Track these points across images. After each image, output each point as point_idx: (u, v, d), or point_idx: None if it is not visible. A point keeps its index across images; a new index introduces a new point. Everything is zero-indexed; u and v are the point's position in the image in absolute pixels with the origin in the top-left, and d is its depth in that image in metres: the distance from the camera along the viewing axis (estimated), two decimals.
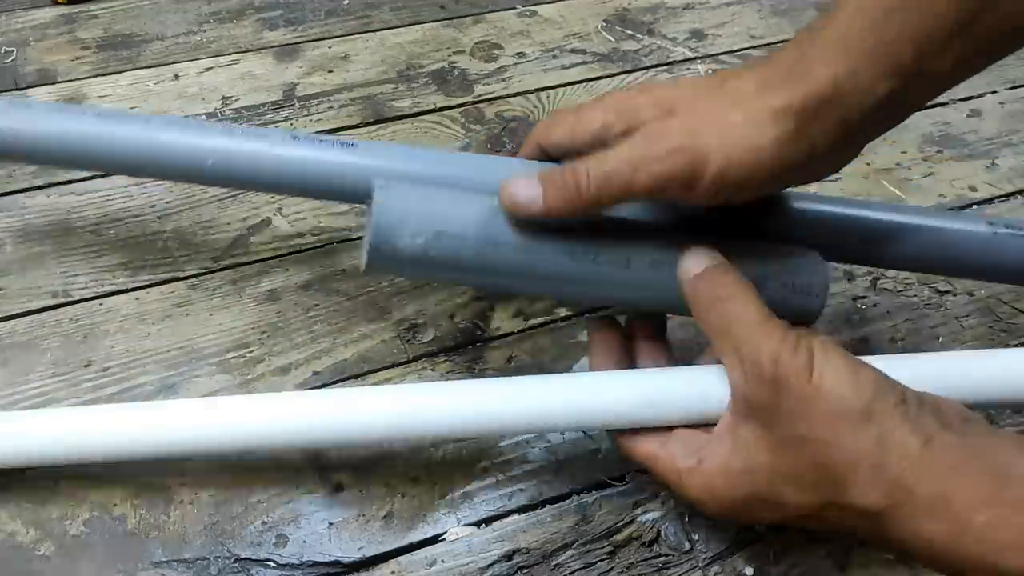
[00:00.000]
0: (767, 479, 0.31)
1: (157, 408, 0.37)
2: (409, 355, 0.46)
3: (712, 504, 0.33)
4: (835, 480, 0.29)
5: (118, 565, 0.38)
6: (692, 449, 0.34)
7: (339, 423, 0.35)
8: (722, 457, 0.32)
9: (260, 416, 0.36)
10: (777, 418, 0.31)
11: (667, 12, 0.72)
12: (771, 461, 0.31)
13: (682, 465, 0.33)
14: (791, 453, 0.30)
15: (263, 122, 0.60)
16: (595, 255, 0.36)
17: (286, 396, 0.37)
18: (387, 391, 0.37)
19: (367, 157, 0.40)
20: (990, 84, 0.66)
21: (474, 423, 0.36)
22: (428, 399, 0.36)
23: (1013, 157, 0.60)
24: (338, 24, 0.69)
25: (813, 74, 0.32)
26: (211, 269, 0.50)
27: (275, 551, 0.38)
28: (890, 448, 0.28)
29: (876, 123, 0.34)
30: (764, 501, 0.31)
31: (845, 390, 0.29)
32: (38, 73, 0.63)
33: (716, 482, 0.32)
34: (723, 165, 0.33)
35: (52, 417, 0.37)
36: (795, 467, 0.30)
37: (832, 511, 0.30)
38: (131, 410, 0.37)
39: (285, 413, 0.36)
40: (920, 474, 0.28)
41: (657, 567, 0.39)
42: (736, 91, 0.34)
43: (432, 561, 0.39)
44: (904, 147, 0.60)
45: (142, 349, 0.46)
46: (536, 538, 0.40)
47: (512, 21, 0.71)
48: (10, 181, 0.54)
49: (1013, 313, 0.50)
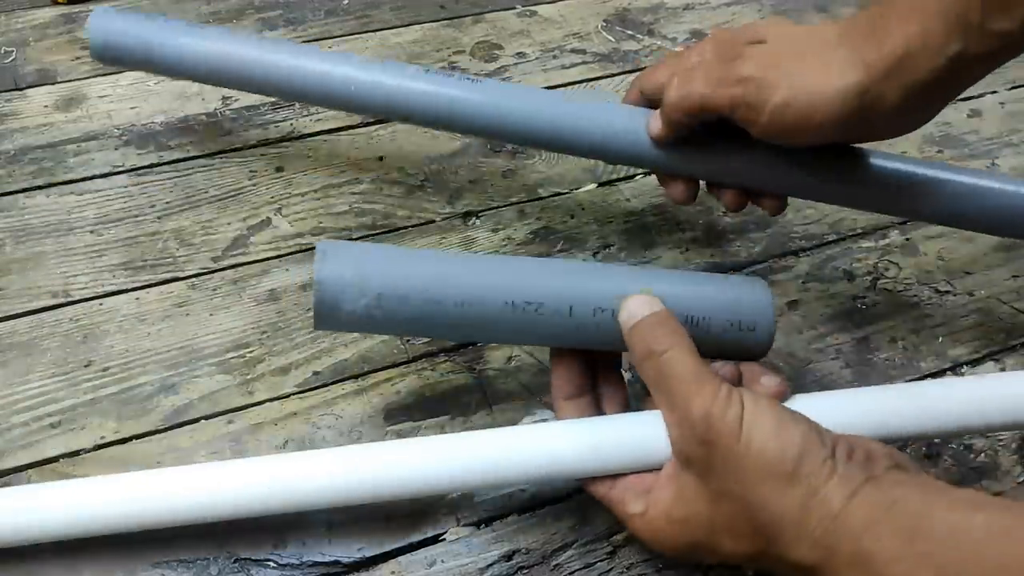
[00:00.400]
0: (705, 528, 0.32)
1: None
2: (409, 355, 0.46)
3: (659, 547, 0.34)
4: (766, 535, 0.30)
5: (118, 565, 0.38)
6: (640, 492, 0.35)
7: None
8: (665, 504, 0.33)
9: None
10: (712, 473, 0.32)
11: (667, 12, 0.72)
12: (708, 512, 0.32)
13: (631, 510, 0.34)
14: (725, 506, 0.31)
15: (263, 122, 0.60)
16: (537, 307, 0.36)
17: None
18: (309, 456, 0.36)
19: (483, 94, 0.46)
20: (990, 84, 0.66)
21: (419, 481, 0.35)
22: (356, 458, 0.35)
23: (1013, 157, 0.60)
24: (338, 24, 0.69)
25: (889, 34, 0.35)
26: (211, 269, 0.50)
27: (275, 551, 0.38)
28: (812, 509, 0.29)
29: (943, 86, 0.36)
30: (705, 548, 0.32)
31: (772, 451, 0.30)
32: (38, 73, 0.63)
33: (660, 528, 0.33)
34: (784, 101, 0.37)
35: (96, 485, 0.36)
36: (729, 519, 0.31)
37: (768, 560, 0.31)
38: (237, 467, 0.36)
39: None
40: (840, 533, 0.28)
41: (657, 567, 0.39)
42: (819, 38, 0.37)
43: (432, 561, 0.39)
44: (904, 147, 0.60)
45: (142, 349, 0.46)
46: (536, 538, 0.40)
47: (512, 21, 0.71)
48: (10, 181, 0.54)
49: (1013, 313, 0.50)
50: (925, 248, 0.54)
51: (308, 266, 0.50)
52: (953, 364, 0.48)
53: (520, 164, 0.58)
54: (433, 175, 0.57)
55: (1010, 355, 0.48)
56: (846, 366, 0.47)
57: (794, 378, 0.46)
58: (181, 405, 0.44)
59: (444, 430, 0.43)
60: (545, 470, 0.35)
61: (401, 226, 0.53)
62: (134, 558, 0.38)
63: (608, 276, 0.38)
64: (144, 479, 0.36)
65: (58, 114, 0.60)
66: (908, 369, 0.47)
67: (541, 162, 0.58)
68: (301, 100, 0.51)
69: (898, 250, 0.53)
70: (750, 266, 0.52)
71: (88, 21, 0.49)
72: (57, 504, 0.35)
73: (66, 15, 0.68)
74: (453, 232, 0.53)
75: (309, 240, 0.52)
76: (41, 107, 0.60)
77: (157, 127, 0.59)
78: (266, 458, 0.36)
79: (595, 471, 0.35)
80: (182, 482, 0.35)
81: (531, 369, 0.46)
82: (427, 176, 0.57)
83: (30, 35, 0.66)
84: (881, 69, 0.35)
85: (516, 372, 0.46)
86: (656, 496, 0.34)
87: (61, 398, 0.44)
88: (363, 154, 0.58)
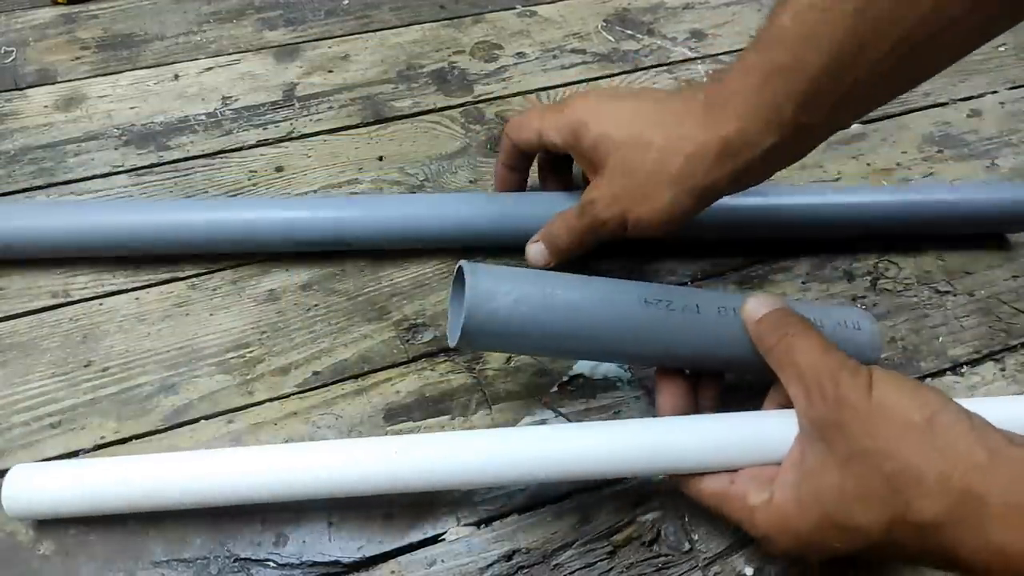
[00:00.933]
0: (836, 499, 0.31)
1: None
2: (409, 355, 0.46)
3: (784, 537, 0.33)
4: (901, 492, 0.30)
5: (118, 565, 0.38)
6: (763, 483, 0.35)
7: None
8: (792, 486, 0.33)
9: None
10: (842, 436, 0.31)
11: (667, 12, 0.72)
12: (839, 481, 0.31)
13: (754, 501, 0.34)
14: (857, 469, 0.31)
15: (263, 122, 0.60)
16: (668, 303, 0.39)
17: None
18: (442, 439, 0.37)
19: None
20: (990, 84, 0.66)
21: (542, 469, 0.36)
22: (481, 444, 0.36)
23: (1013, 157, 0.60)
24: (338, 24, 0.69)
25: (714, 126, 0.38)
26: (211, 269, 0.50)
27: (275, 551, 0.38)
28: (956, 457, 0.29)
29: (762, 171, 0.39)
30: (835, 525, 0.32)
31: (906, 404, 0.30)
32: (38, 73, 0.63)
33: (789, 512, 0.33)
34: (637, 218, 0.41)
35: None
36: (862, 483, 0.31)
37: (898, 530, 0.30)
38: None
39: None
40: (990, 482, 0.28)
41: (657, 567, 0.39)
42: (667, 121, 0.40)
43: (432, 561, 0.39)
44: (904, 147, 0.60)
45: (142, 349, 0.46)
46: (536, 538, 0.40)
47: (512, 21, 0.71)
48: (10, 181, 0.54)
49: (1013, 313, 0.50)
50: (925, 248, 0.54)
51: (308, 266, 0.50)
52: (953, 364, 0.48)
53: None
54: (433, 175, 0.57)
55: (1010, 355, 0.48)
56: None
57: None
58: (181, 405, 0.44)
59: (444, 430, 0.43)
60: (674, 462, 0.36)
61: None
62: (134, 558, 0.38)
63: (715, 291, 0.42)
64: (142, 463, 0.37)
65: (58, 114, 0.60)
66: (908, 369, 0.47)
67: None
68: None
69: (898, 250, 0.53)
70: (750, 267, 0.52)
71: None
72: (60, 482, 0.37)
73: (66, 15, 0.68)
74: None
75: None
76: (41, 107, 0.60)
77: (157, 127, 0.59)
78: (267, 448, 0.37)
79: (722, 464, 0.36)
80: (175, 467, 0.36)
81: (531, 369, 0.46)
82: (427, 176, 0.57)
83: (30, 35, 0.66)
84: (708, 157, 0.38)
85: (516, 372, 0.46)
86: (782, 479, 0.34)
87: (61, 398, 0.44)
88: (363, 154, 0.58)
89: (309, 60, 0.65)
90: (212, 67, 0.64)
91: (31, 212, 0.48)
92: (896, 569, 0.40)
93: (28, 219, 0.47)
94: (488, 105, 0.62)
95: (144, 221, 0.47)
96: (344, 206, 0.49)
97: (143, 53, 0.65)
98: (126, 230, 0.47)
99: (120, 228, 0.47)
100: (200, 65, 0.64)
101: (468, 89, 0.64)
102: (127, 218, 0.47)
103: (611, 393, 0.45)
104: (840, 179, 0.57)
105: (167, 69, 0.64)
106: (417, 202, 0.50)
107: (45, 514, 0.37)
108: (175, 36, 0.67)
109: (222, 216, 0.48)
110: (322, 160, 0.57)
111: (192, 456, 0.37)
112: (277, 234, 0.48)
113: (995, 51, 0.69)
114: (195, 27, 0.68)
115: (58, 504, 0.36)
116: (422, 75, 0.65)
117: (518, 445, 0.36)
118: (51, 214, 0.48)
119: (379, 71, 0.65)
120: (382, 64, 0.65)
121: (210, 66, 0.64)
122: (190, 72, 0.64)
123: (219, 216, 0.48)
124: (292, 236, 0.48)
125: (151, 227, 0.47)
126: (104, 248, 0.48)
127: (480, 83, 0.64)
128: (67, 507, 0.37)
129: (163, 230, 0.47)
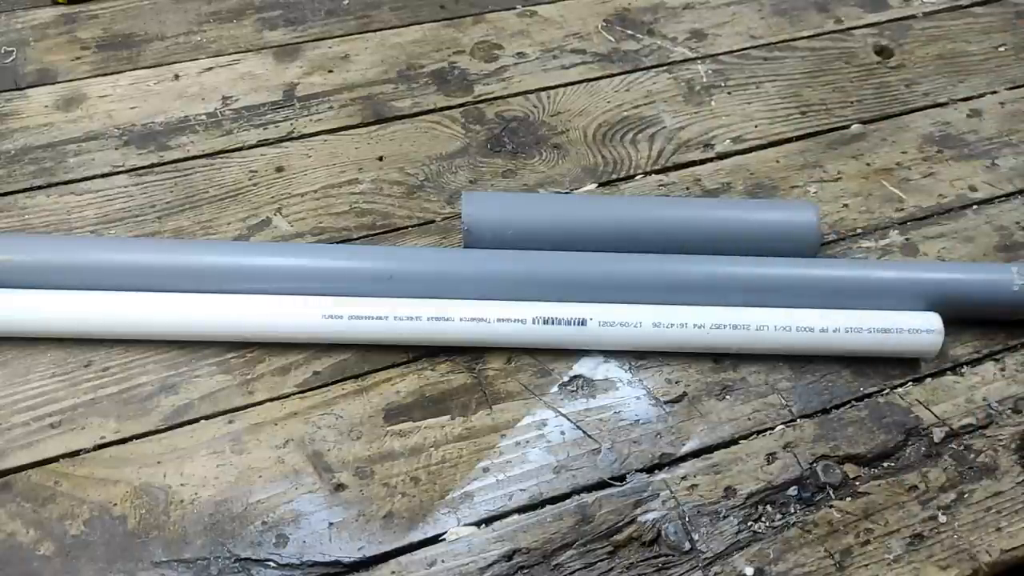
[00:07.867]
0: None
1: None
2: (409, 355, 0.46)
3: None
4: None
5: (118, 565, 0.38)
6: None
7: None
8: None
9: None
10: None
11: (667, 12, 0.72)
12: None
13: None
14: None
15: (263, 122, 0.60)
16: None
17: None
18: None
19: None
20: (990, 84, 0.66)
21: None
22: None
23: (1013, 157, 0.60)
24: (338, 24, 0.69)
25: None
26: None
27: (275, 551, 0.38)
28: None
29: None
30: None
31: None
32: (38, 73, 0.63)
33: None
34: None
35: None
36: None
37: None
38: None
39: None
40: None
41: (657, 567, 0.39)
42: None
43: (432, 561, 0.39)
44: (904, 147, 0.60)
45: (142, 349, 0.46)
46: (536, 538, 0.40)
47: (512, 21, 0.71)
48: (10, 181, 0.54)
49: None
50: (925, 248, 0.54)
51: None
52: (953, 364, 0.48)
53: (520, 164, 0.58)
54: (433, 175, 0.57)
55: (1010, 355, 0.48)
56: (846, 366, 0.47)
57: (793, 379, 0.46)
58: (181, 405, 0.44)
59: (444, 430, 0.43)
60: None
61: (401, 226, 0.53)
62: (134, 558, 0.38)
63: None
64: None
65: (58, 114, 0.60)
66: (908, 368, 0.47)
67: (541, 162, 0.58)
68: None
69: (898, 250, 0.53)
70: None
71: None
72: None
73: (66, 15, 0.68)
74: (453, 232, 0.53)
75: (309, 241, 0.52)
76: (41, 107, 0.60)
77: (157, 127, 0.59)
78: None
79: None
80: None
81: (531, 369, 0.46)
82: (427, 176, 0.57)
83: (30, 35, 0.66)
84: None
85: (516, 372, 0.46)
86: None
87: (61, 398, 0.44)
88: (363, 154, 0.58)
89: (309, 60, 0.65)
90: (212, 67, 0.64)
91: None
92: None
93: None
94: (488, 105, 0.62)
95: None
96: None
97: (143, 53, 0.65)
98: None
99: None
100: (200, 65, 0.64)
101: (468, 89, 0.64)
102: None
103: (611, 393, 0.45)
104: (840, 179, 0.57)
105: (167, 69, 0.64)
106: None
107: None
108: (175, 36, 0.67)
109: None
110: (322, 160, 0.57)
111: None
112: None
113: (995, 51, 0.69)
114: (195, 27, 0.68)
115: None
116: (422, 75, 0.65)
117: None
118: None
119: (379, 71, 0.65)
120: (382, 64, 0.65)
121: (210, 66, 0.64)
122: (190, 72, 0.64)
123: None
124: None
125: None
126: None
127: (480, 83, 0.64)
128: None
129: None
